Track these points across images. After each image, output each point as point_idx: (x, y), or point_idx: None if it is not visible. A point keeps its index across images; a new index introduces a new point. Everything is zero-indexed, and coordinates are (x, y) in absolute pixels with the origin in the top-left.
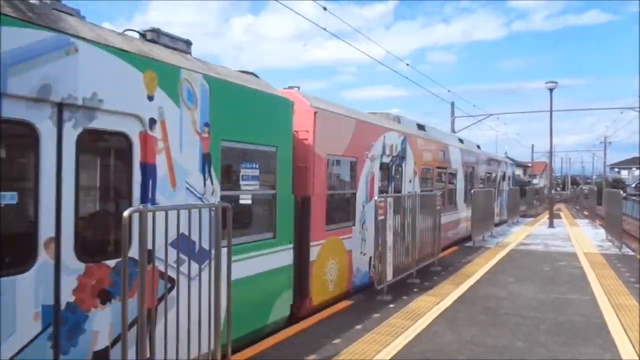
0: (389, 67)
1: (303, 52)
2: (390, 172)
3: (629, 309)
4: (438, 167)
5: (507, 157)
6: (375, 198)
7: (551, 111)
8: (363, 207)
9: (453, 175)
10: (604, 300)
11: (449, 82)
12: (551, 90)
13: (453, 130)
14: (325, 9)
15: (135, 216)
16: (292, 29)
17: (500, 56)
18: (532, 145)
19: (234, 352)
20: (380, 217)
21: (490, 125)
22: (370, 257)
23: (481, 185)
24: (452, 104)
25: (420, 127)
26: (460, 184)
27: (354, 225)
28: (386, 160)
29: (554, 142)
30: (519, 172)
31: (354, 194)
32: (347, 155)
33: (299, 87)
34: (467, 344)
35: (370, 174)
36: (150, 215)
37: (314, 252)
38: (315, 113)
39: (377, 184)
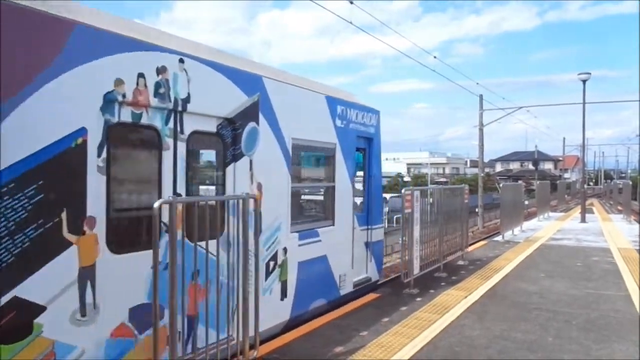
0: (417, 61)
1: (330, 47)
2: None
3: None
4: None
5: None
6: (403, 191)
7: (584, 103)
8: None
9: None
10: (638, 297)
11: (478, 75)
12: (584, 81)
13: (481, 124)
14: (351, 2)
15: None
16: (319, 24)
17: (532, 48)
18: (564, 139)
19: (261, 343)
20: (407, 211)
21: (521, 118)
22: None
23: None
24: (481, 96)
25: None
26: None
27: None
28: None
29: (587, 136)
30: (549, 165)
31: None
32: None
33: None
34: (496, 338)
35: None
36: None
37: None
38: None
39: None
